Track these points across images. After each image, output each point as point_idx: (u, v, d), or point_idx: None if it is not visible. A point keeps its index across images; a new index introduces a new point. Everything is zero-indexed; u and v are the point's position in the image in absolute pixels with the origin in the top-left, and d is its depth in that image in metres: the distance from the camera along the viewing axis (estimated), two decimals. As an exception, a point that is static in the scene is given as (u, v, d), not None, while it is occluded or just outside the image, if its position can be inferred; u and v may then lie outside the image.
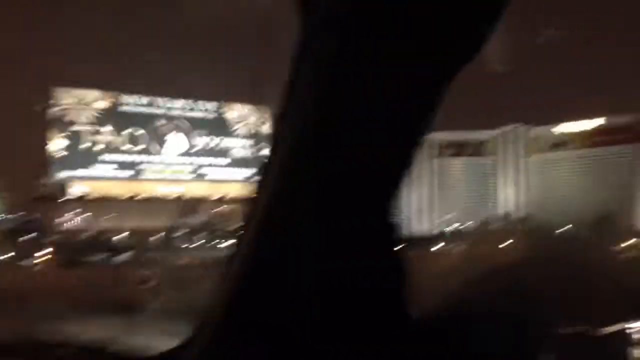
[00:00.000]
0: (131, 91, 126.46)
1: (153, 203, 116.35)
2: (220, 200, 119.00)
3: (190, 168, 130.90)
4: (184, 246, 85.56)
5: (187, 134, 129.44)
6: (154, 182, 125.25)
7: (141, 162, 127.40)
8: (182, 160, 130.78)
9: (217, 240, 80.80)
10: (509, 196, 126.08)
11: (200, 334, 1.38)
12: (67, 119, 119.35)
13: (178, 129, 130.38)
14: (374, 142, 1.23)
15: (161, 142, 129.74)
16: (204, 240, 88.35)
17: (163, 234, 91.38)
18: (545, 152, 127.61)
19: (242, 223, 1.36)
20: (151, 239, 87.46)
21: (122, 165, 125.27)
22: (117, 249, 73.97)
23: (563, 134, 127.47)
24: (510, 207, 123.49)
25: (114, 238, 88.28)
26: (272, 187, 1.36)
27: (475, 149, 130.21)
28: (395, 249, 1.30)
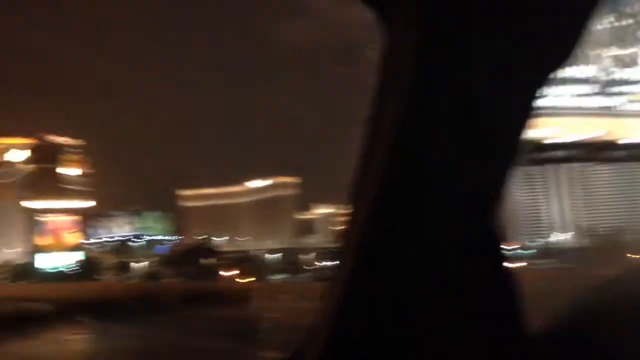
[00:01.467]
0: None
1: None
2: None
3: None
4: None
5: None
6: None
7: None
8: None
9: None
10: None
11: (309, 346, 1.51)
12: None
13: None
14: (475, 147, 1.26)
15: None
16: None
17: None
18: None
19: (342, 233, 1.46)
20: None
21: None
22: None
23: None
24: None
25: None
26: (369, 196, 1.42)
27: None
28: (503, 262, 1.33)
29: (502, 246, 1.35)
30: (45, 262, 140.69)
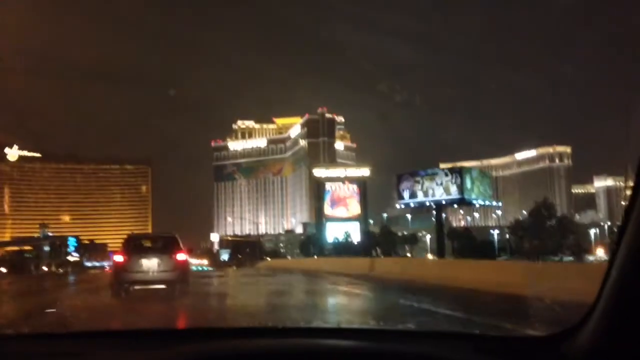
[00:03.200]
0: None
1: None
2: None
3: None
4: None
5: None
6: None
7: None
8: None
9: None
10: None
11: (584, 324, 1.67)
12: None
13: None
14: None
15: None
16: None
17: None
18: None
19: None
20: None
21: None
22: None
23: None
24: None
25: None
26: None
27: None
28: None
29: None
30: (331, 231, 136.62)
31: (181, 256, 16.39)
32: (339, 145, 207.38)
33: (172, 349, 2.11)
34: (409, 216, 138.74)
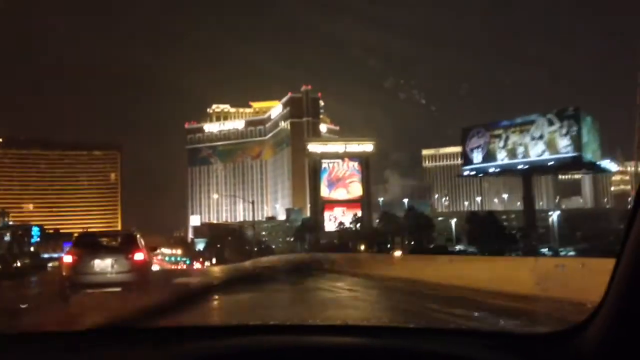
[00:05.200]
0: None
1: None
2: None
3: None
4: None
5: None
6: None
7: None
8: None
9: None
10: None
11: (593, 320, 1.73)
12: None
13: None
14: None
15: None
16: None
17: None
18: None
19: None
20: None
21: None
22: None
23: None
24: None
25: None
26: None
27: None
28: None
29: None
30: (330, 217, 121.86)
31: (139, 256, 15.35)
32: (322, 127, 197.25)
33: (170, 347, 2.14)
34: (405, 200, 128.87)
